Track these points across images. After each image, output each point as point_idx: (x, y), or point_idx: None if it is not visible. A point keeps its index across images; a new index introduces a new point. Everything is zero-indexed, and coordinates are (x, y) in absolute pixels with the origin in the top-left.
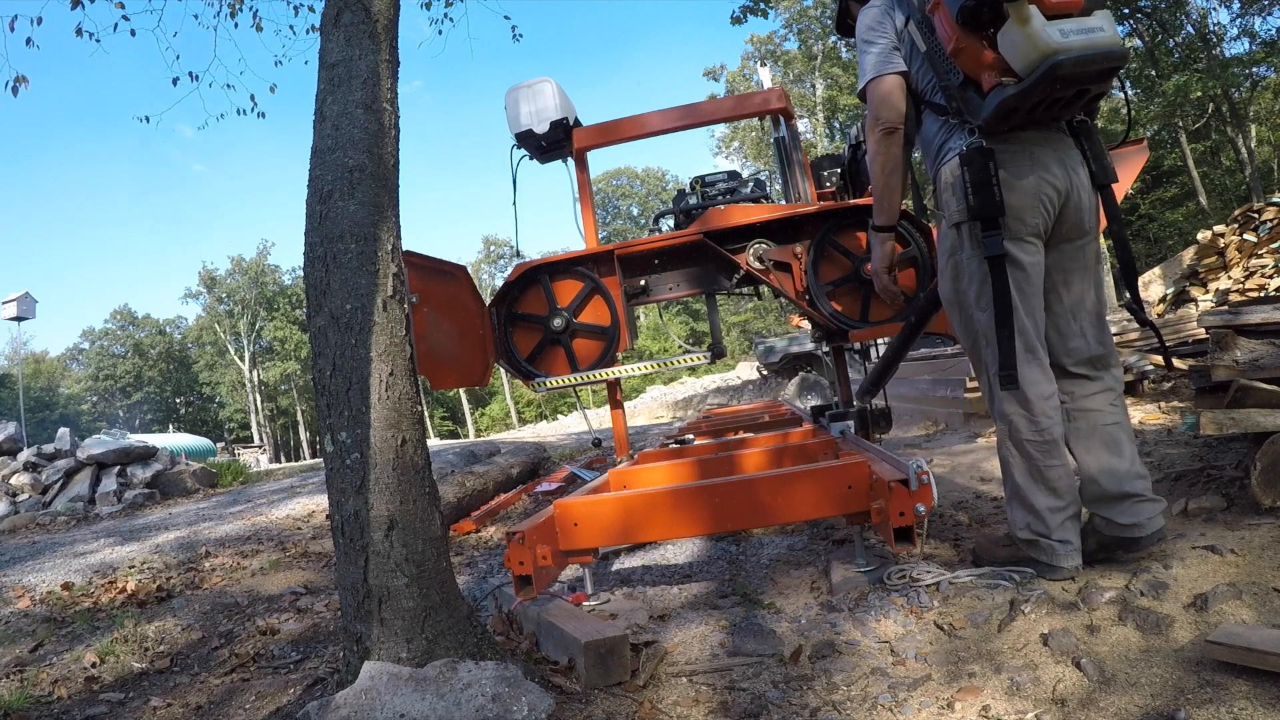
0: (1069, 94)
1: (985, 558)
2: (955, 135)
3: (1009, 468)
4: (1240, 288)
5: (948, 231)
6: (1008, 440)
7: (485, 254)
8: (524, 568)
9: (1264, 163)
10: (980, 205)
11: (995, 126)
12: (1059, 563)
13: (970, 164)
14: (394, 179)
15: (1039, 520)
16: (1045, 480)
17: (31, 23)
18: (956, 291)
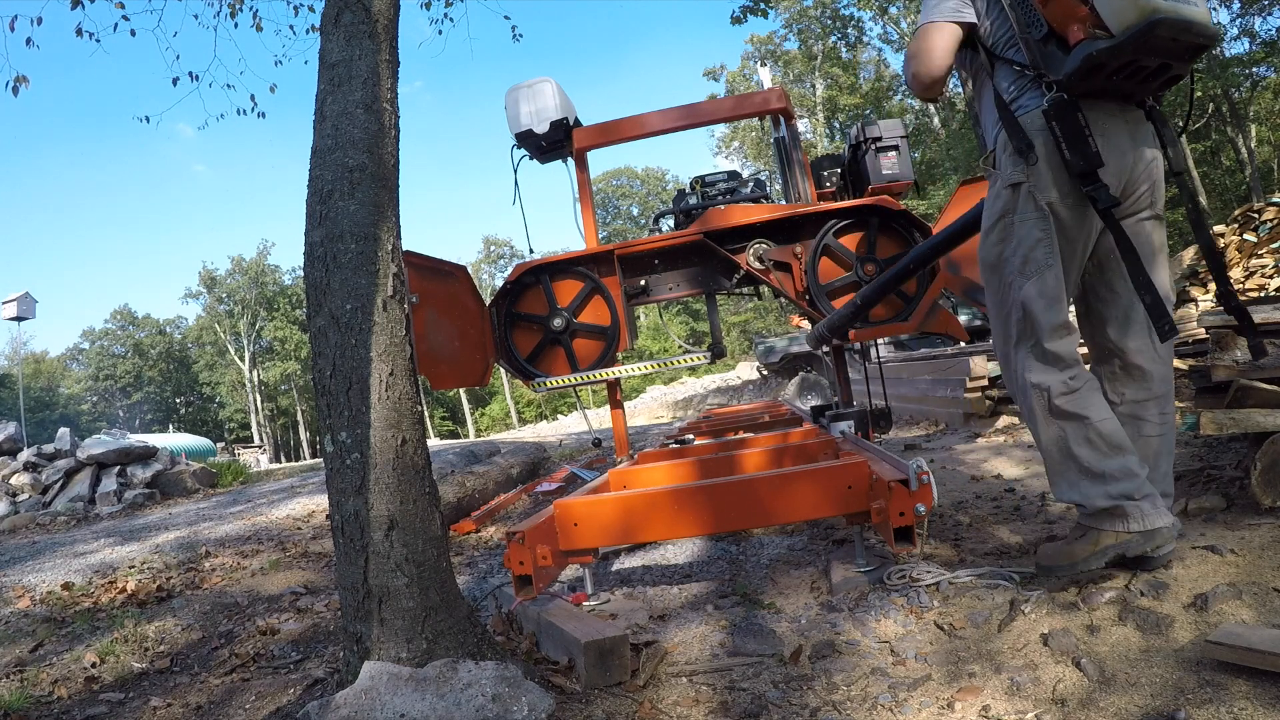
0: (1154, 64)
1: (1062, 564)
2: (1029, 92)
3: (1058, 442)
4: (1240, 288)
5: (1002, 192)
6: (1045, 413)
7: (485, 254)
8: (524, 568)
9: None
10: (1078, 158)
11: (1077, 84)
12: (1156, 522)
13: (1059, 118)
14: (394, 179)
15: (1113, 482)
16: (1103, 437)
17: (31, 23)
18: (1000, 255)
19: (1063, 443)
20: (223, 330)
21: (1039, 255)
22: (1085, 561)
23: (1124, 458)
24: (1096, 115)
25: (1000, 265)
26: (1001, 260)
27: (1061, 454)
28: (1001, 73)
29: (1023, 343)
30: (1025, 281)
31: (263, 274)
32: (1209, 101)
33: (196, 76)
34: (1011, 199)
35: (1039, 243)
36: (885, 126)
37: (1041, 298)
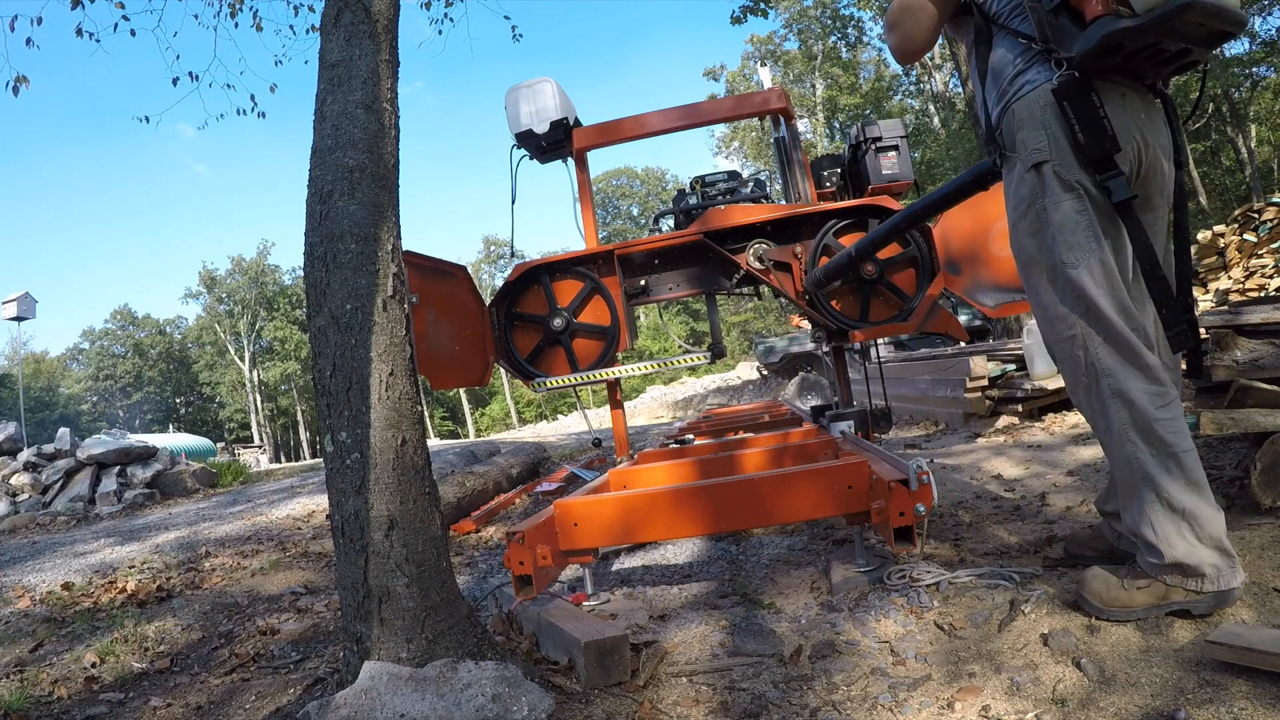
0: (1174, 49)
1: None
2: (1036, 67)
3: (1131, 464)
4: (1240, 288)
5: (1024, 176)
6: (1131, 429)
7: (485, 254)
8: (524, 568)
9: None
10: (1093, 142)
11: (1091, 63)
12: (1232, 581)
13: (1070, 97)
14: (394, 179)
15: (1193, 527)
16: (1186, 470)
17: (31, 23)
18: (1037, 249)
19: (1139, 465)
20: (223, 330)
21: (1081, 238)
22: (1145, 611)
23: (1206, 496)
24: (1110, 96)
25: (1039, 259)
26: (1040, 253)
27: (1138, 478)
28: (1002, 44)
29: (1089, 341)
30: (1074, 270)
31: (263, 274)
32: (1209, 101)
33: (196, 76)
34: (1037, 182)
35: (1078, 225)
36: (885, 126)
37: (1097, 285)
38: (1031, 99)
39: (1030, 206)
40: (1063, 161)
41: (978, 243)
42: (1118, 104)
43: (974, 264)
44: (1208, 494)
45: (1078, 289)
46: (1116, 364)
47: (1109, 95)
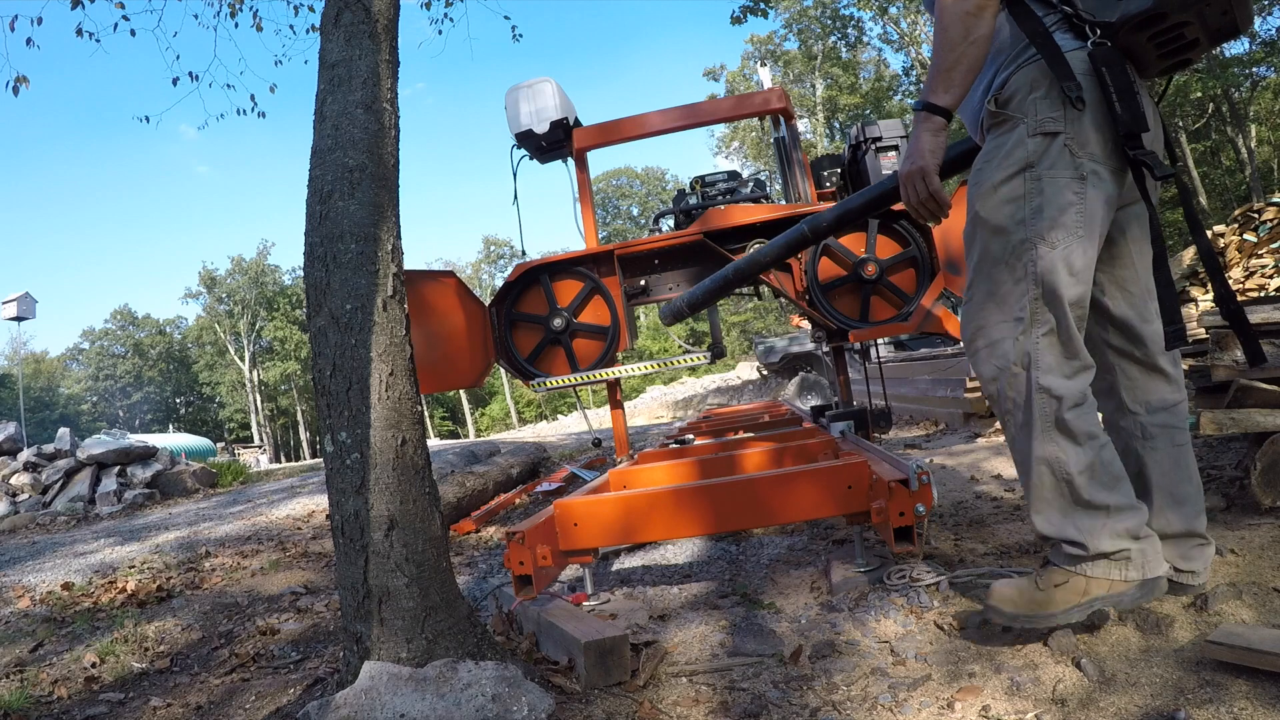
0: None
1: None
2: (1060, 32)
3: (1053, 464)
4: (1240, 287)
5: (1025, 140)
6: (1054, 427)
7: (485, 254)
8: (524, 568)
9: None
10: (1130, 116)
11: (1127, 34)
12: (1157, 569)
13: (1109, 65)
14: (394, 179)
15: (1118, 516)
16: (1105, 465)
17: (31, 23)
18: (1013, 216)
19: (1060, 465)
20: (223, 330)
21: (1070, 221)
22: (1066, 614)
23: (1126, 488)
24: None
25: (1013, 228)
26: (1014, 222)
27: (1056, 478)
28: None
29: (1034, 328)
30: (1050, 251)
31: (263, 274)
32: (1209, 101)
33: (196, 76)
34: (1041, 149)
35: (1071, 206)
36: (885, 126)
37: (1071, 274)
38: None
39: (1023, 171)
40: (1078, 138)
41: None
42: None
43: None
44: (1128, 487)
45: (1047, 271)
46: (1056, 359)
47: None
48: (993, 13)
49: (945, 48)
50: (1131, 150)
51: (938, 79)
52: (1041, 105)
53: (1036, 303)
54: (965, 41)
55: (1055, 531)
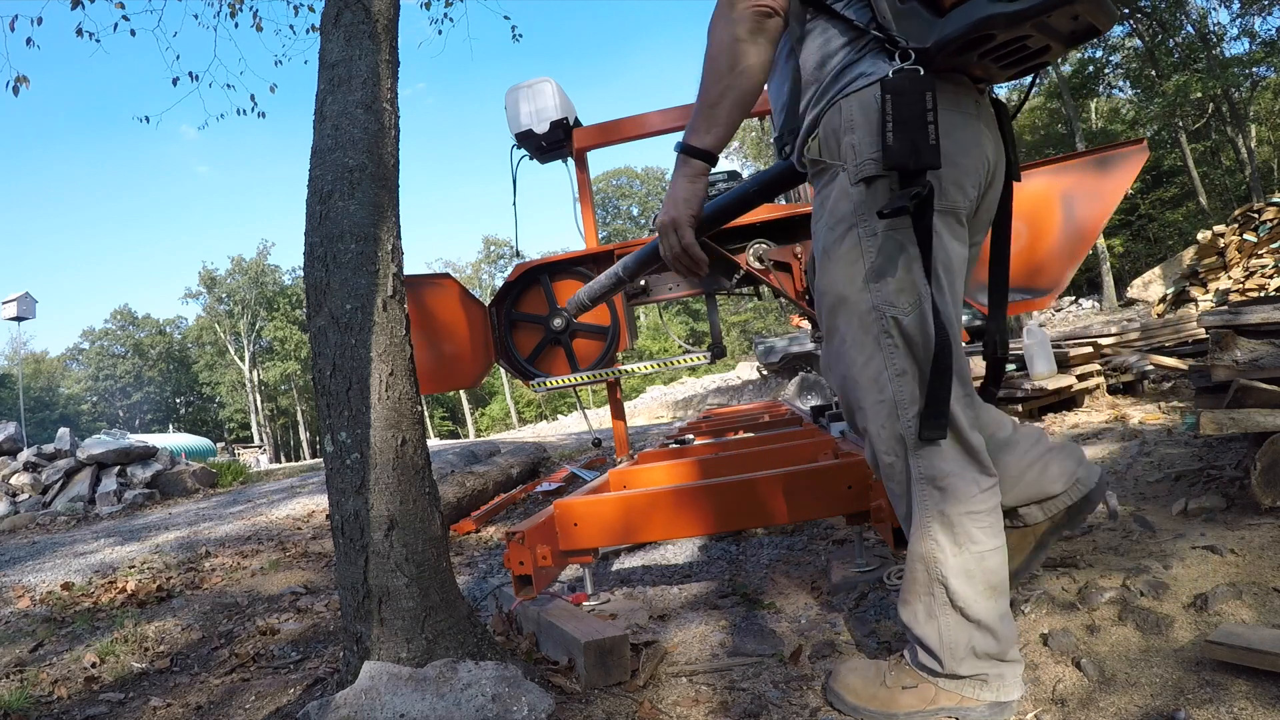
0: (1040, 44)
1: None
2: (870, 59)
3: (937, 566)
4: (1240, 287)
5: (849, 190)
6: (935, 522)
7: (485, 254)
8: (524, 568)
9: (1264, 163)
10: (908, 150)
11: (945, 59)
12: (1012, 693)
13: (900, 93)
14: (394, 179)
15: (985, 636)
16: (988, 573)
17: (31, 23)
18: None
19: (936, 566)
20: (223, 330)
21: (919, 276)
22: (907, 717)
23: (1001, 603)
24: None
25: (854, 299)
26: (859, 290)
27: (933, 578)
28: (822, 31)
29: (908, 410)
30: (905, 319)
31: (263, 274)
32: (1209, 101)
33: (196, 76)
34: (866, 199)
35: (914, 260)
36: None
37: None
38: (866, 97)
39: (852, 229)
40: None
41: None
42: (971, 110)
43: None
44: (1005, 600)
45: (913, 340)
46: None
47: (962, 100)
48: (769, 40)
49: (710, 79)
50: (906, 187)
51: (699, 116)
52: (861, 146)
53: (902, 378)
54: (732, 72)
55: (913, 627)
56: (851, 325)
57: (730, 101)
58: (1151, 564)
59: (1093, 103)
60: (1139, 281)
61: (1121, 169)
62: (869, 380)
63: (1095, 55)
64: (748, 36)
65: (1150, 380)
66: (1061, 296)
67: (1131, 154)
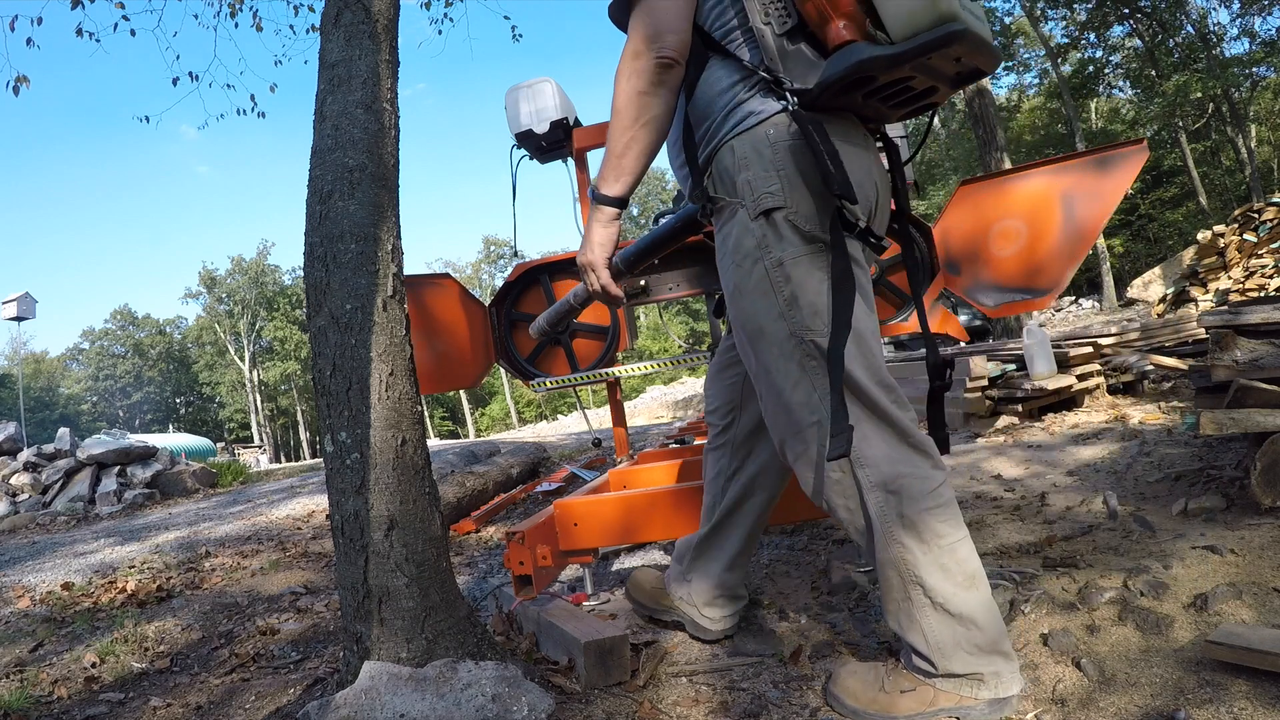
0: (924, 85)
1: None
2: (759, 98)
3: (909, 566)
4: (1240, 287)
5: (749, 226)
6: (898, 526)
7: (485, 254)
8: (524, 568)
9: (1264, 163)
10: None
11: (830, 98)
12: (1010, 689)
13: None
14: (394, 179)
15: (974, 630)
16: (961, 563)
17: (31, 23)
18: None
19: (908, 567)
20: (223, 330)
21: (828, 300)
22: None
23: (982, 591)
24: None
25: (772, 328)
26: (775, 320)
27: (908, 580)
28: (716, 70)
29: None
30: (821, 341)
31: (263, 274)
32: (1209, 101)
33: (196, 76)
34: (768, 233)
35: (824, 283)
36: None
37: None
38: (758, 134)
39: (758, 263)
40: (800, 209)
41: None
42: (860, 145)
43: (974, 264)
44: (985, 587)
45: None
46: (879, 453)
47: (850, 133)
48: (670, 89)
49: (617, 131)
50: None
51: (608, 166)
52: (756, 182)
53: (827, 399)
54: (637, 124)
55: (902, 633)
56: (773, 355)
57: (635, 153)
58: (1151, 564)
59: (1093, 103)
60: (1139, 281)
61: (1121, 169)
62: (799, 404)
63: (1095, 55)
64: (650, 89)
65: (1150, 380)
66: (1061, 296)
67: (1131, 154)
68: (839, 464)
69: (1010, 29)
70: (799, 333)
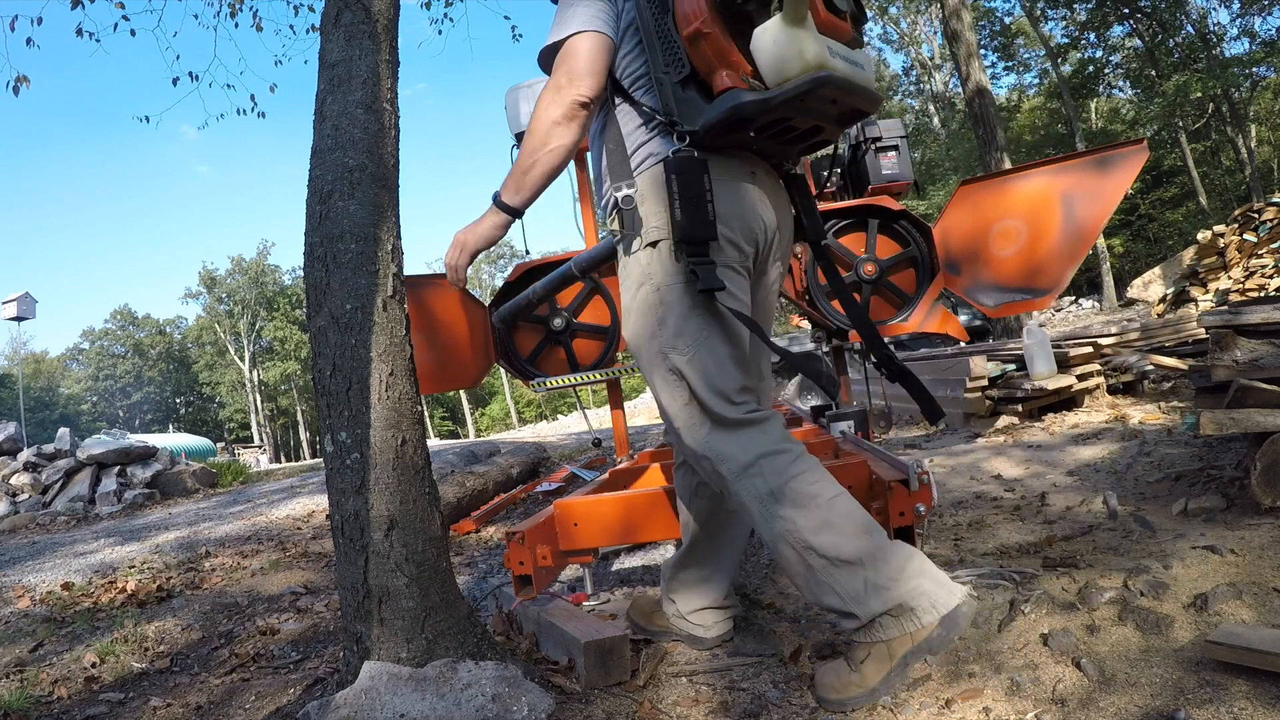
0: (805, 126)
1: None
2: (659, 139)
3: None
4: (1240, 287)
5: (638, 255)
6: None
7: (485, 254)
8: (524, 568)
9: (1264, 163)
10: (692, 223)
11: (714, 138)
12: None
13: (680, 172)
14: (394, 179)
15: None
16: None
17: (31, 23)
18: (651, 333)
19: (794, 535)
20: (223, 330)
21: (693, 324)
22: (885, 684)
23: (876, 537)
24: (737, 173)
25: (649, 346)
26: (651, 338)
27: (799, 547)
28: (624, 115)
29: (702, 427)
30: (680, 359)
31: (263, 274)
32: (1209, 101)
33: (196, 76)
34: (652, 261)
35: (691, 309)
36: (885, 126)
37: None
38: (655, 173)
39: (642, 287)
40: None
41: (978, 243)
42: (745, 181)
43: (974, 264)
44: (877, 531)
45: (685, 377)
46: (735, 447)
47: (736, 172)
48: (580, 125)
49: (526, 150)
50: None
51: (513, 178)
52: (649, 216)
53: (691, 405)
54: (543, 148)
55: (818, 601)
56: (653, 367)
57: (538, 172)
58: (1151, 564)
59: (1093, 103)
60: (1139, 281)
61: (1121, 169)
62: (677, 409)
63: (1095, 55)
64: (562, 120)
65: (1150, 380)
66: (1061, 296)
67: (1131, 154)
68: (710, 461)
69: (1010, 29)
70: (664, 350)
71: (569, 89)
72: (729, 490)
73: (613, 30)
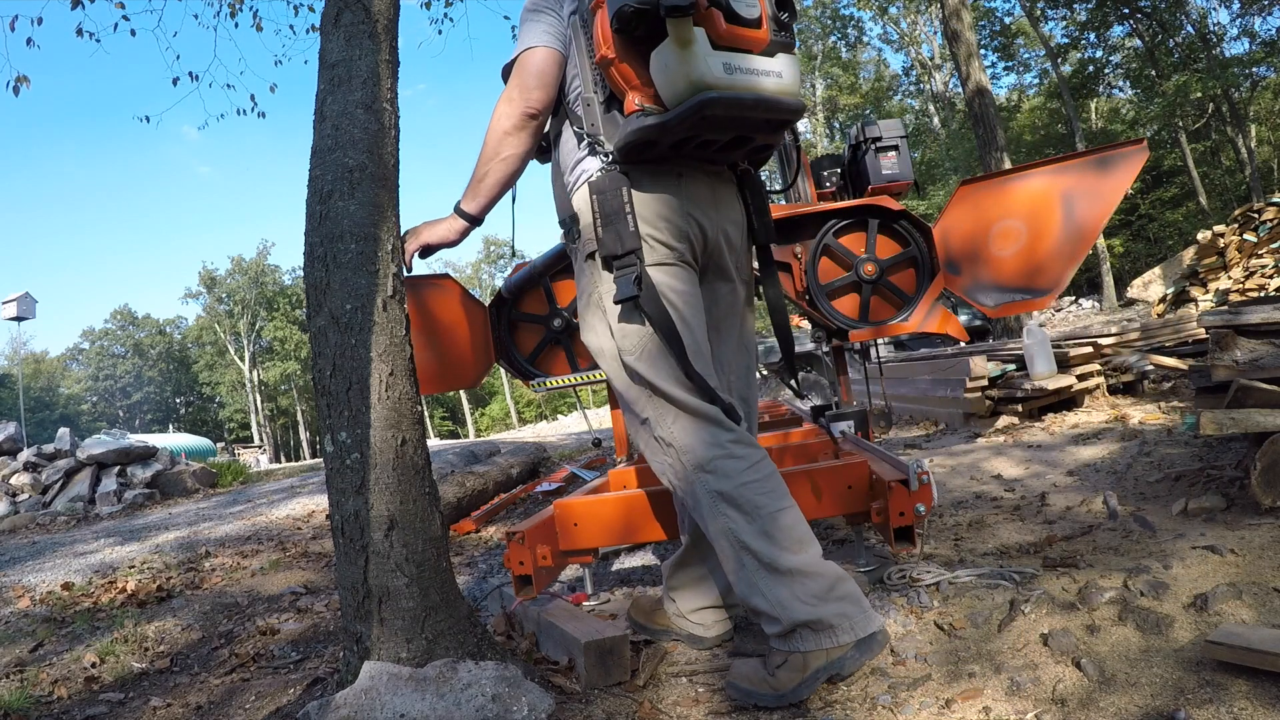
0: (726, 138)
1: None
2: (590, 157)
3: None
4: (1240, 287)
5: (584, 266)
6: (720, 501)
7: (485, 254)
8: (524, 568)
9: (1264, 163)
10: (611, 240)
11: (630, 157)
12: (870, 625)
13: (600, 191)
14: (394, 179)
15: (807, 580)
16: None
17: (31, 23)
18: (604, 337)
19: (734, 535)
20: (223, 330)
21: (634, 325)
22: (794, 692)
23: (812, 551)
24: (664, 183)
25: (605, 349)
26: (605, 342)
27: (737, 547)
28: (571, 132)
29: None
30: (631, 359)
31: (263, 274)
32: (1209, 101)
33: (196, 76)
34: (594, 271)
35: (632, 312)
36: (885, 126)
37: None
38: (583, 192)
39: (590, 295)
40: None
41: (978, 243)
42: (669, 185)
43: (974, 264)
44: (814, 548)
45: (640, 375)
46: (694, 440)
47: (661, 179)
48: (530, 135)
49: (481, 160)
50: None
51: (469, 187)
52: (585, 230)
53: (651, 400)
54: (495, 158)
55: (745, 599)
56: (610, 367)
57: (491, 180)
58: (1151, 564)
59: (1093, 103)
60: (1139, 281)
61: (1122, 169)
62: (632, 405)
63: (1095, 55)
64: (513, 130)
65: (1150, 380)
66: (1061, 296)
67: (1131, 154)
68: (667, 451)
69: (1010, 29)
70: (617, 352)
71: (519, 101)
72: (685, 479)
73: (563, 46)
